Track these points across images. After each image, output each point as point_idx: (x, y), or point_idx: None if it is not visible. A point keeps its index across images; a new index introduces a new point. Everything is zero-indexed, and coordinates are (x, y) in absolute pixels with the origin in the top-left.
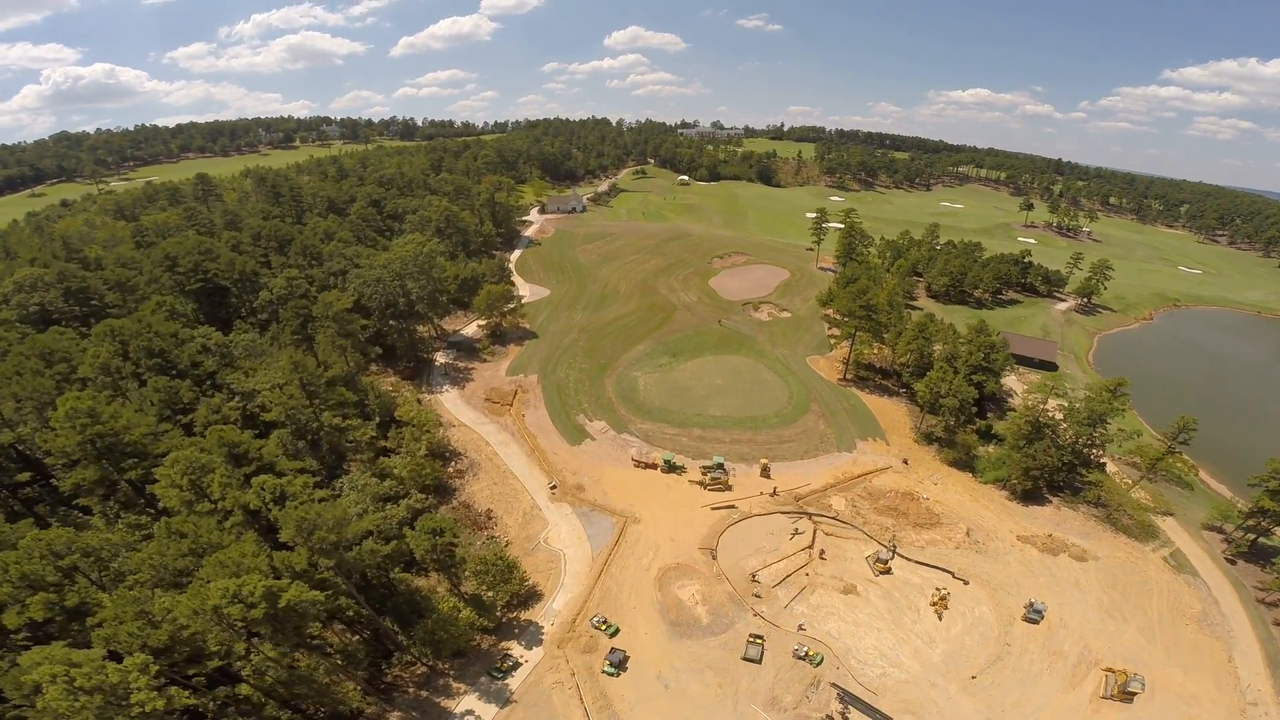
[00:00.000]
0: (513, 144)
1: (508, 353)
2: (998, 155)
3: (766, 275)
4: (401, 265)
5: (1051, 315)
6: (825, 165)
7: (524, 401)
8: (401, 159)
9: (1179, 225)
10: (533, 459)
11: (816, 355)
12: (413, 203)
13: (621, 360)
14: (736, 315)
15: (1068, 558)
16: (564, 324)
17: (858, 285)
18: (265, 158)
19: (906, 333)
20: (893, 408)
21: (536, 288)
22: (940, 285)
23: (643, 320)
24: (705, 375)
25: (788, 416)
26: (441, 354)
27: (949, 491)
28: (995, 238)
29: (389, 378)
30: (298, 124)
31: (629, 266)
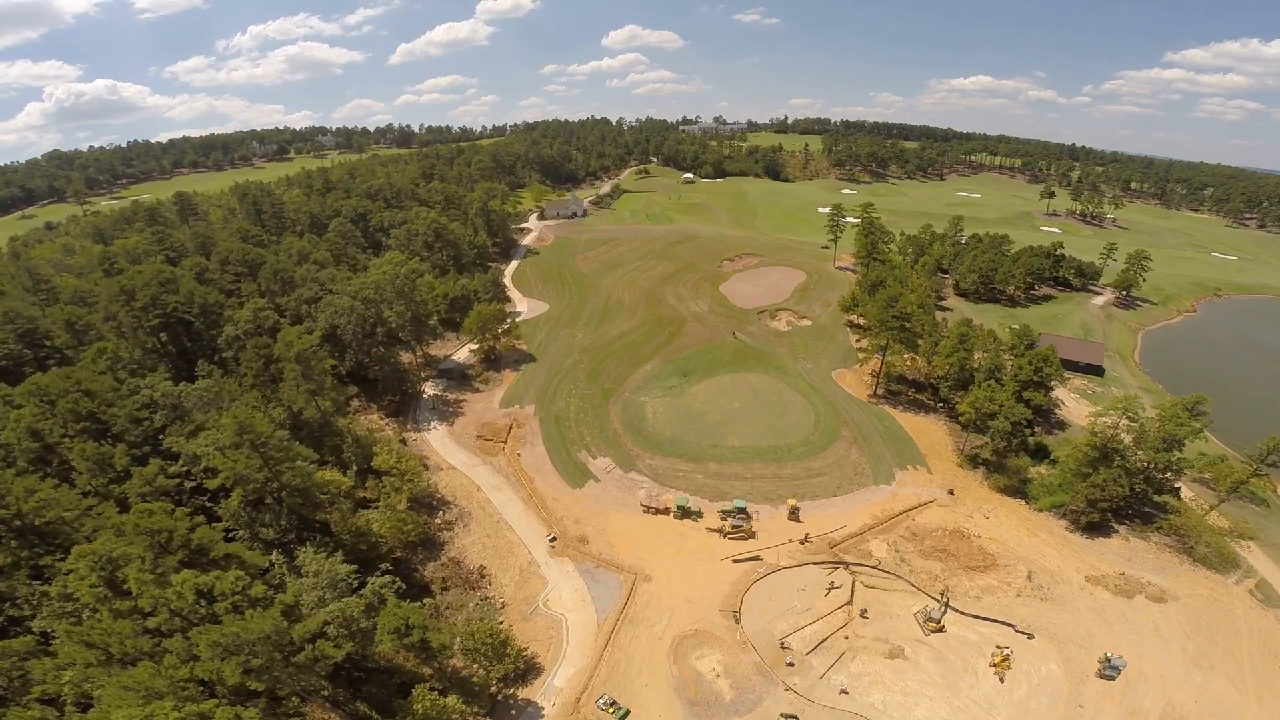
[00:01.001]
0: (510, 148)
1: (502, 379)
2: (1010, 142)
3: (781, 278)
4: (377, 291)
5: (1090, 311)
6: (834, 158)
7: (519, 438)
8: (392, 169)
9: (1205, 209)
10: (530, 505)
11: (842, 369)
12: (399, 216)
13: (627, 383)
14: (752, 325)
15: (1144, 599)
16: (564, 343)
17: (887, 292)
18: (259, 171)
19: (945, 344)
20: (931, 427)
21: (535, 302)
22: (969, 283)
23: (649, 335)
24: (720, 398)
25: (816, 445)
26: (430, 384)
27: (1002, 525)
28: (1018, 228)
29: (371, 415)
30: (294, 135)
31: (633, 274)
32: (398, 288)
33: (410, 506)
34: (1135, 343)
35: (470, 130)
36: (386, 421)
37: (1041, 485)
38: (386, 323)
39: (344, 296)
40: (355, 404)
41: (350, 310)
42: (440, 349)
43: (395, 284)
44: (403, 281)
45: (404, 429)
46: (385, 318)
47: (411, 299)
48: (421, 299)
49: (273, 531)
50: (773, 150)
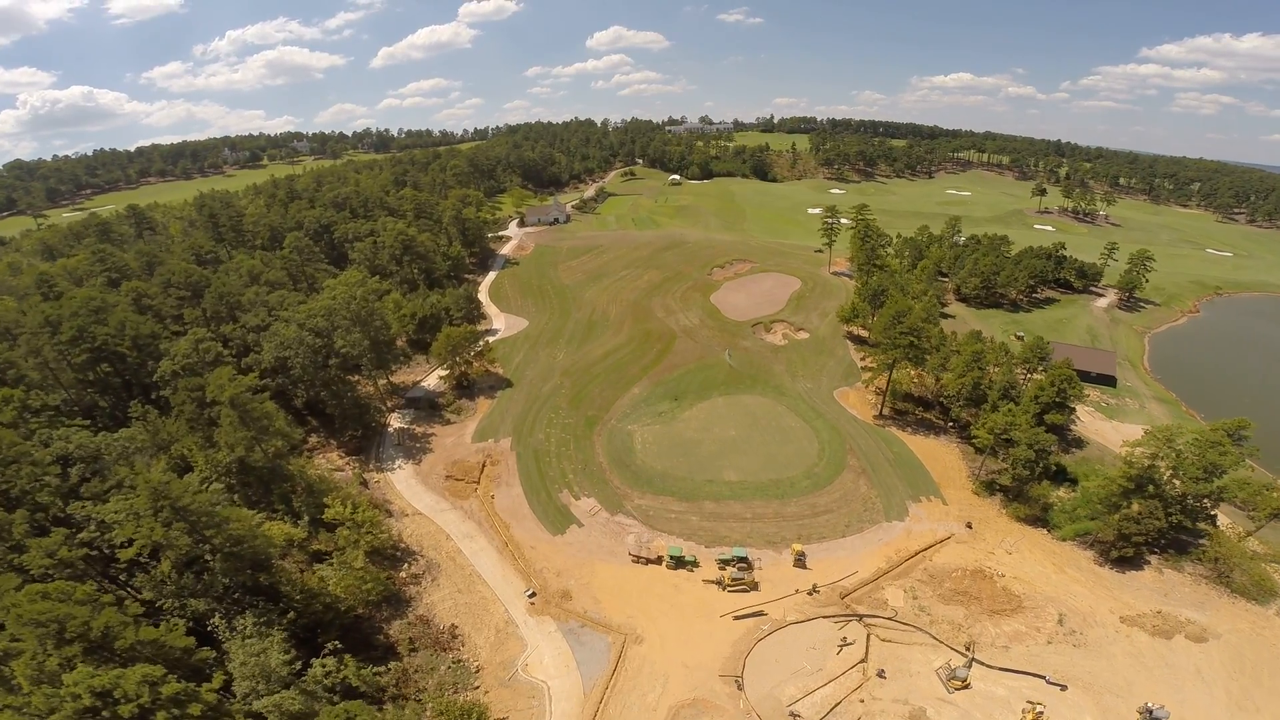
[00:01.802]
0: (492, 151)
1: (476, 408)
2: (997, 139)
3: (775, 286)
4: (328, 317)
5: (1094, 315)
6: (822, 157)
7: (494, 477)
8: (365, 175)
9: (1193, 204)
10: (505, 556)
11: (844, 387)
12: (366, 227)
13: (613, 410)
14: (746, 340)
15: (1184, 639)
16: (544, 365)
17: (893, 306)
18: (229, 179)
19: (956, 361)
20: (943, 451)
21: (513, 318)
22: (971, 288)
23: (637, 354)
24: (715, 424)
25: (821, 477)
26: (397, 416)
27: (1026, 561)
28: (1012, 226)
29: (331, 453)
30: (268, 141)
31: (619, 285)
32: (354, 312)
33: (372, 559)
34: (1143, 348)
35: (451, 134)
36: (346, 460)
37: (1063, 511)
38: (339, 353)
39: (291, 325)
40: (314, 439)
41: (298, 341)
42: (408, 374)
43: (351, 307)
44: (360, 304)
45: (366, 469)
46: (338, 348)
47: (371, 323)
48: (384, 321)
49: (204, 604)
50: (760, 150)
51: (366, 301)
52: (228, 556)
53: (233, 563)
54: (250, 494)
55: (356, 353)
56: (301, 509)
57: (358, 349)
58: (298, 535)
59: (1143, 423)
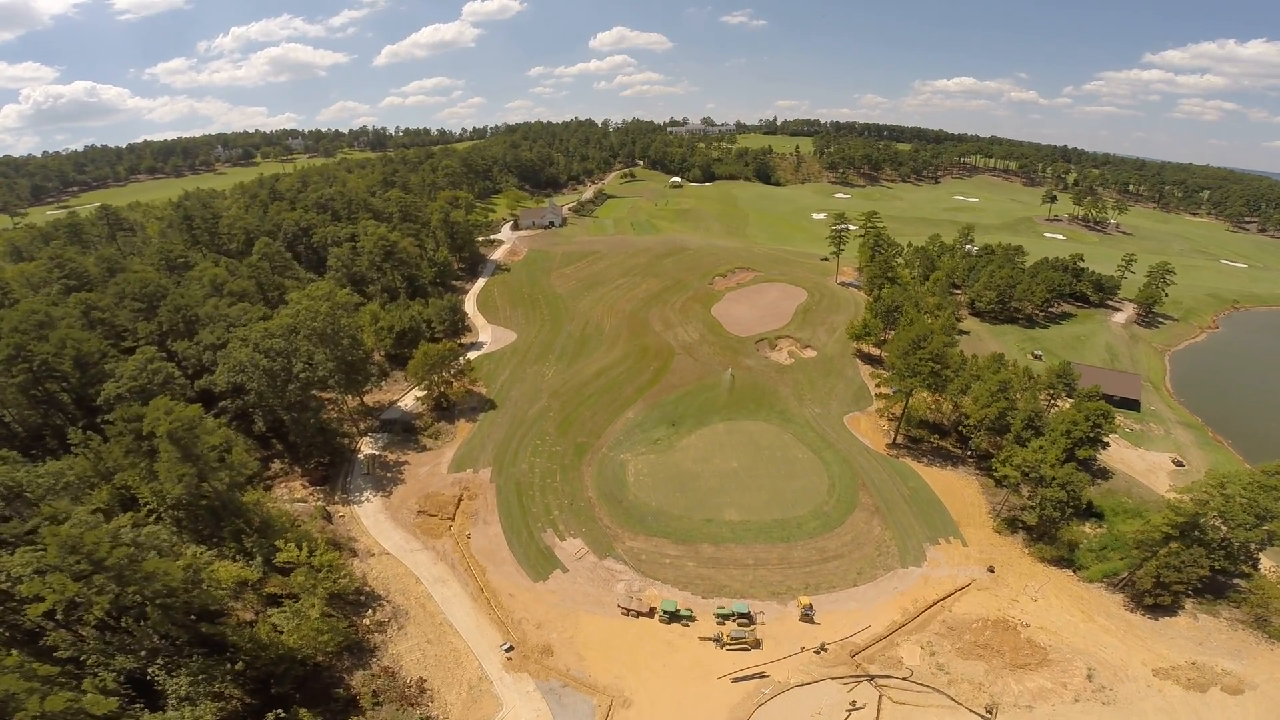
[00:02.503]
0: (489, 151)
1: (455, 433)
2: (1003, 144)
3: (780, 297)
4: (287, 338)
5: (1113, 332)
6: (826, 160)
7: (470, 513)
8: (354, 174)
9: (1203, 213)
10: (481, 604)
11: (855, 412)
12: (346, 230)
13: (605, 436)
14: (749, 358)
15: (1220, 692)
16: (531, 384)
17: (914, 330)
18: (220, 177)
19: (980, 390)
20: (961, 484)
21: (501, 331)
22: (986, 302)
23: (632, 373)
24: (715, 454)
25: (831, 517)
26: (369, 440)
27: (1052, 608)
28: (1021, 234)
29: (294, 481)
30: (263, 138)
31: (615, 294)
32: (318, 329)
33: (333, 603)
34: (1164, 367)
35: (449, 133)
36: (310, 491)
37: (1090, 550)
38: (299, 378)
39: (245, 347)
40: (277, 465)
41: (251, 365)
42: (385, 393)
43: (315, 324)
44: (324, 320)
45: (330, 500)
46: (297, 373)
47: (338, 341)
48: (354, 339)
49: (133, 660)
50: (763, 152)
51: (334, 317)
52: (162, 608)
53: (169, 615)
54: (201, 528)
55: (320, 375)
56: (254, 549)
57: (321, 371)
58: (250, 576)
59: (1169, 450)
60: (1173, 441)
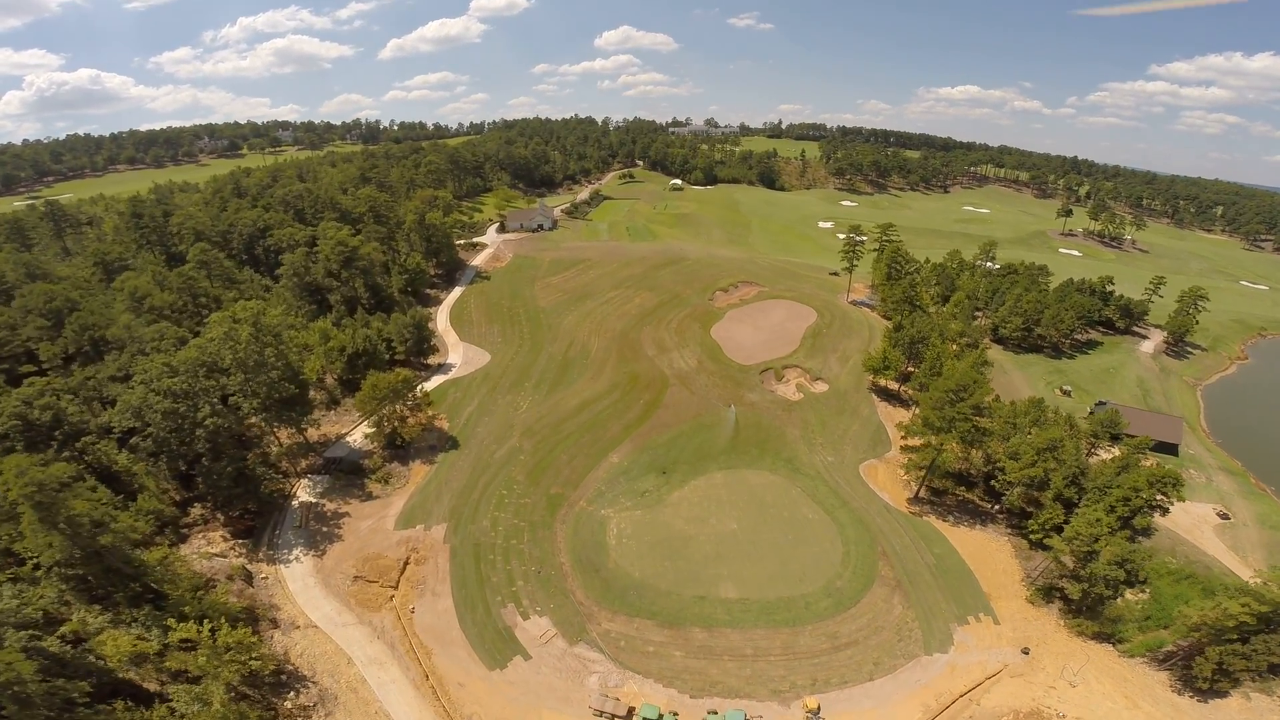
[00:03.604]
0: (483, 146)
1: (408, 477)
2: (1013, 153)
3: (787, 318)
4: (190, 377)
5: (1142, 363)
6: (833, 166)
7: (417, 581)
8: (337, 169)
9: (1217, 229)
10: (424, 693)
11: (872, 459)
12: (305, 233)
13: (584, 486)
14: (753, 391)
15: None
16: (502, 419)
17: (953, 377)
18: (203, 169)
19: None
20: (991, 545)
21: (473, 351)
22: (1011, 329)
23: (619, 407)
24: (712, 511)
25: (845, 594)
26: (307, 484)
27: (1093, 693)
28: (1034, 249)
29: (214, 531)
30: (252, 129)
31: (605, 310)
32: (241, 357)
33: (248, 683)
34: (1197, 404)
35: (445, 127)
36: (232, 544)
37: (1132, 620)
38: (204, 424)
39: (138, 388)
40: (198, 510)
41: (146, 408)
42: (334, 424)
43: (239, 351)
44: (248, 348)
45: (254, 557)
46: (202, 419)
47: (264, 373)
48: (288, 364)
49: None
50: (767, 156)
51: (259, 343)
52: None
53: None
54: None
55: (237, 417)
56: (149, 620)
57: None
58: (149, 649)
59: (1212, 500)
60: (1215, 490)
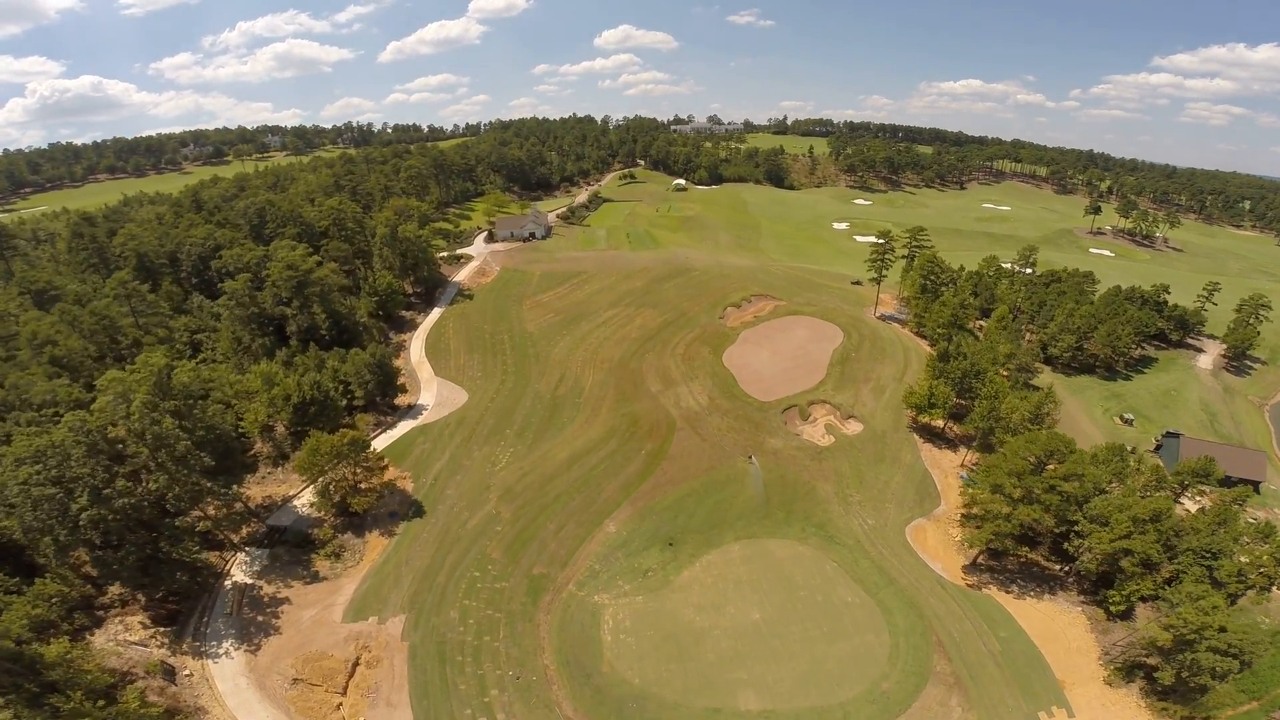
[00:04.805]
0: (475, 148)
1: (363, 552)
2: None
3: (809, 338)
4: (61, 461)
5: (1203, 383)
6: (844, 163)
7: (369, 688)
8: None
9: (1247, 225)
10: None
11: (920, 518)
12: (257, 252)
13: (574, 563)
14: (775, 435)
15: None
16: (476, 477)
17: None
18: (187, 176)
19: (1109, 509)
20: (1062, 618)
21: (448, 388)
22: (1062, 348)
23: (617, 460)
24: (729, 598)
25: (894, 700)
26: (243, 559)
27: None
28: (1062, 249)
29: (132, 616)
30: (238, 135)
31: (602, 333)
32: (135, 429)
33: None
34: (1268, 428)
35: (441, 129)
36: (153, 632)
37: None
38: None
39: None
40: (115, 589)
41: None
42: (281, 483)
43: (134, 422)
44: (142, 419)
45: (178, 648)
46: (74, 512)
47: (172, 445)
48: (207, 429)
49: None
50: (774, 153)
51: (155, 411)
52: None
53: None
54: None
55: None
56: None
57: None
58: None
59: None
60: None
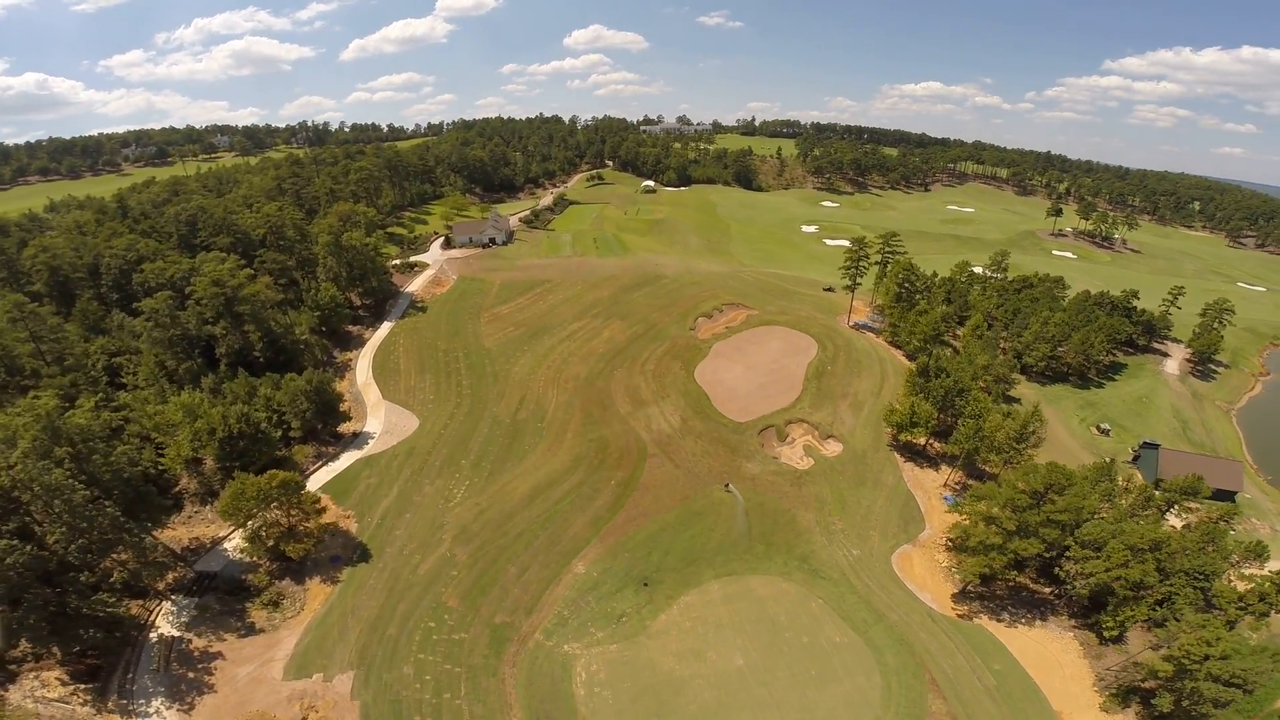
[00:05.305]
0: (436, 149)
1: (304, 601)
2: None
3: (784, 351)
4: None
5: (1172, 389)
6: (811, 164)
7: None
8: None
9: (1198, 226)
10: None
11: (906, 544)
12: (182, 266)
13: (540, 610)
14: (752, 458)
15: None
16: (428, 515)
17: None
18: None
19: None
20: (1055, 645)
21: (397, 413)
22: (1037, 358)
23: (584, 491)
24: (710, 643)
25: None
26: (170, 607)
27: None
28: (1026, 251)
29: (49, 672)
30: (184, 135)
31: (566, 349)
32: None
33: None
34: (1236, 433)
35: (401, 129)
36: (73, 689)
37: None
38: None
39: None
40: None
41: None
42: (209, 524)
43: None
44: (27, 469)
45: (102, 707)
46: None
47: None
48: (119, 469)
49: None
50: (743, 154)
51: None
52: None
53: None
54: None
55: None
56: None
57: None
58: None
59: None
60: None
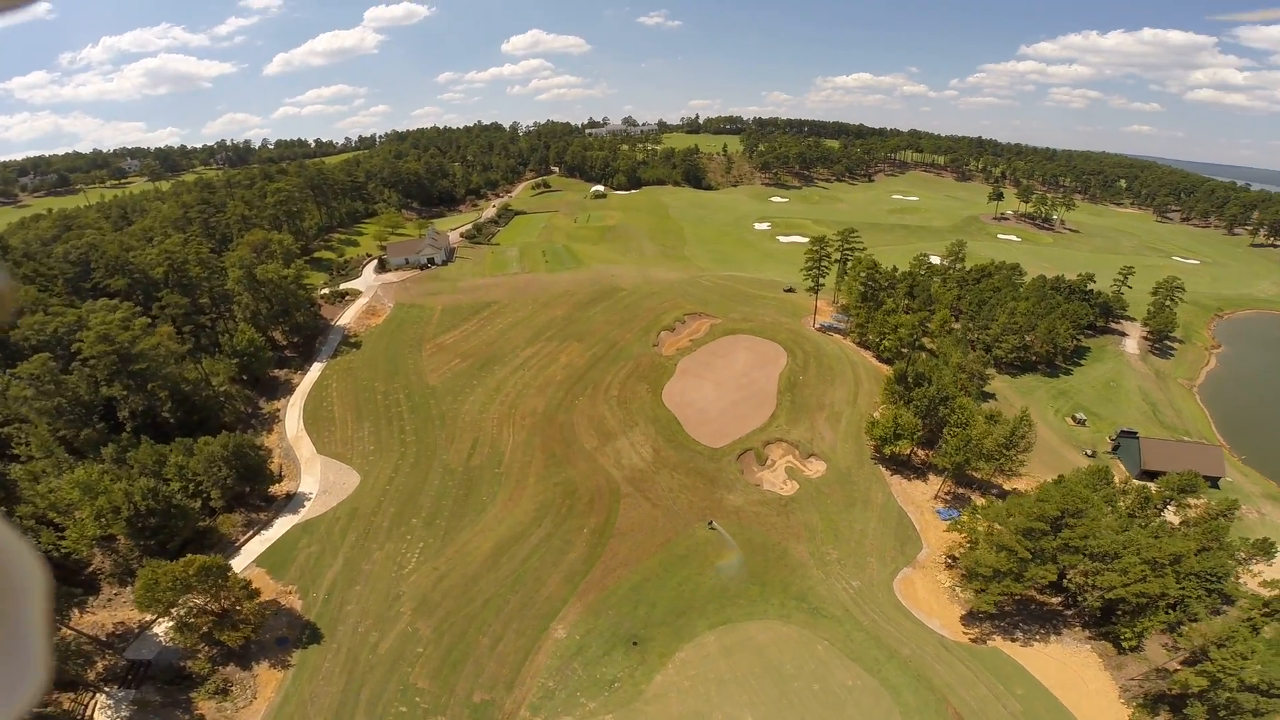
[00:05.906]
0: (367, 163)
1: (254, 688)
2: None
3: (752, 363)
4: None
5: (1136, 370)
6: (758, 160)
7: None
8: (166, 204)
9: (1127, 203)
10: None
11: (905, 568)
12: (66, 320)
13: (522, 684)
14: (733, 489)
15: None
16: (381, 585)
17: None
18: (22, 209)
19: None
20: (1074, 661)
21: (335, 468)
22: (1007, 350)
23: (554, 544)
24: (714, 700)
25: None
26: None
27: None
28: (973, 236)
29: None
30: (94, 159)
31: (520, 379)
32: None
33: None
34: (1203, 411)
35: (331, 144)
36: None
37: None
38: None
39: None
40: None
41: None
42: (131, 606)
43: None
44: None
45: None
46: None
47: None
48: None
49: None
50: (690, 153)
51: None
52: None
53: None
54: None
55: None
56: None
57: None
58: None
59: (1273, 537)
60: (1272, 527)
